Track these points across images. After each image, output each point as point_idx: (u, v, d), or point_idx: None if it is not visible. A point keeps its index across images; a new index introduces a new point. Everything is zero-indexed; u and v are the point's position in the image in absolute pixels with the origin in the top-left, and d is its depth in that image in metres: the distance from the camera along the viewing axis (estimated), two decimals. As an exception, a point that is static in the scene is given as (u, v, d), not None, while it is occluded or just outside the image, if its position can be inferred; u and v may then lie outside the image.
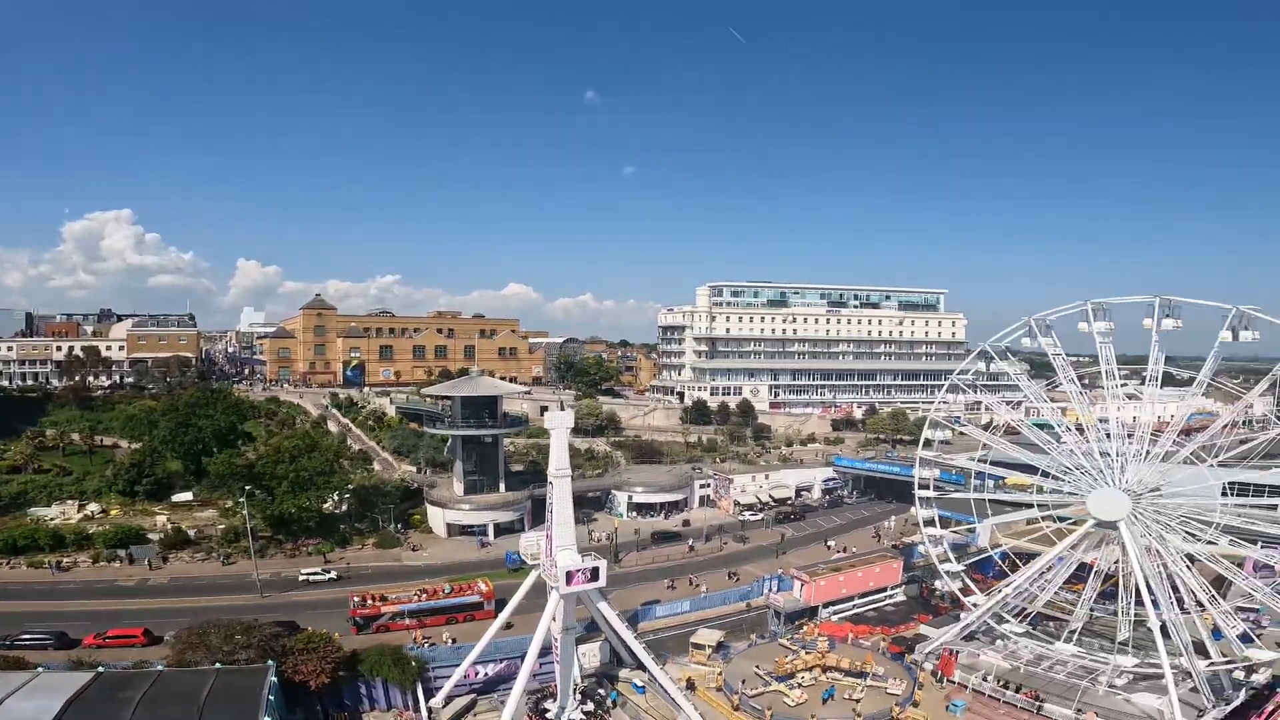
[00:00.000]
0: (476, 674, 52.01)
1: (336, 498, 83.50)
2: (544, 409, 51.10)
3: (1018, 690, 48.72)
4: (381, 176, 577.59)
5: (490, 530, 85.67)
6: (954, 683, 51.70)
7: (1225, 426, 47.32)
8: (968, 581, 55.54)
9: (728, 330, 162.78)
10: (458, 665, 50.78)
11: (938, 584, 63.26)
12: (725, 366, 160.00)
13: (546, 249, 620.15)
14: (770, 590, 66.22)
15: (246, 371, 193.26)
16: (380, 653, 49.76)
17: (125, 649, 50.67)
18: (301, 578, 68.75)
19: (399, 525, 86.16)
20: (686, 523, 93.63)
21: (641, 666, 50.36)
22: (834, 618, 64.25)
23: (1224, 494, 48.75)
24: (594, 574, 46.95)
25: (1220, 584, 49.93)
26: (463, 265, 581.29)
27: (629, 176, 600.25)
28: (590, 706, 49.49)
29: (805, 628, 61.23)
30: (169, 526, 77.89)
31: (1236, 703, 45.58)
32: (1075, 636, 50.97)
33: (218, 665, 42.76)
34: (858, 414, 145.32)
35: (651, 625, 61.62)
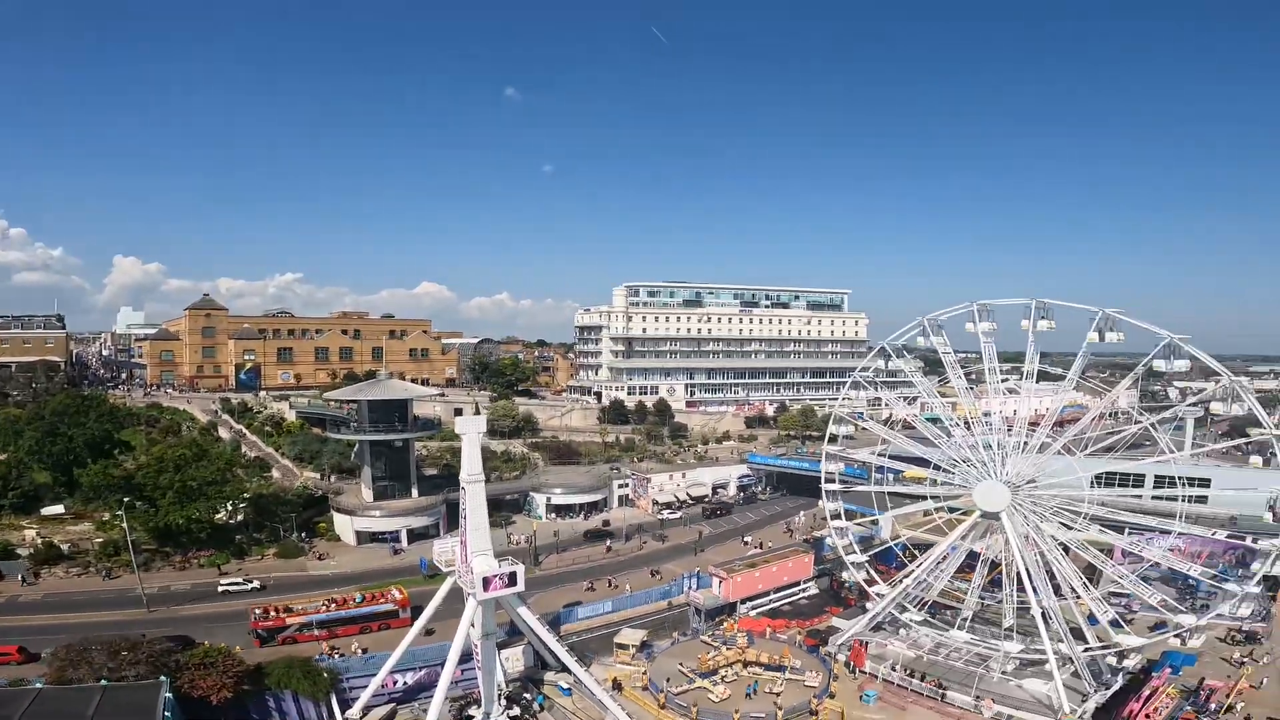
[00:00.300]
0: (395, 683, 50.68)
1: (230, 507, 78.82)
2: (458, 411, 49.75)
3: (923, 678, 50.87)
4: (281, 170, 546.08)
5: (403, 536, 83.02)
6: (865, 673, 53.65)
7: (1094, 419, 50.45)
8: (872, 572, 57.72)
9: (644, 330, 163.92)
10: (374, 675, 49.09)
11: (844, 575, 65.59)
12: (642, 366, 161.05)
13: (462, 247, 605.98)
14: (690, 588, 67.13)
15: (124, 376, 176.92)
16: (288, 665, 47.87)
17: (-2, 667, 46.30)
18: (221, 588, 65.99)
19: (302, 534, 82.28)
20: (606, 523, 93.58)
21: (566, 669, 49.82)
22: (752, 613, 65.87)
23: (1093, 484, 52.29)
24: (512, 579, 46.23)
25: (1093, 572, 53.51)
26: (371, 263, 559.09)
27: (548, 174, 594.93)
28: (516, 711, 48.87)
29: (725, 624, 62.52)
30: (39, 541, 71.61)
31: (1115, 687, 48.53)
32: (967, 624, 53.43)
33: (103, 683, 40.12)
34: (770, 411, 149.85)
35: (574, 627, 61.26)
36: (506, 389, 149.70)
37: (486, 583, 44.84)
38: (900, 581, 55.62)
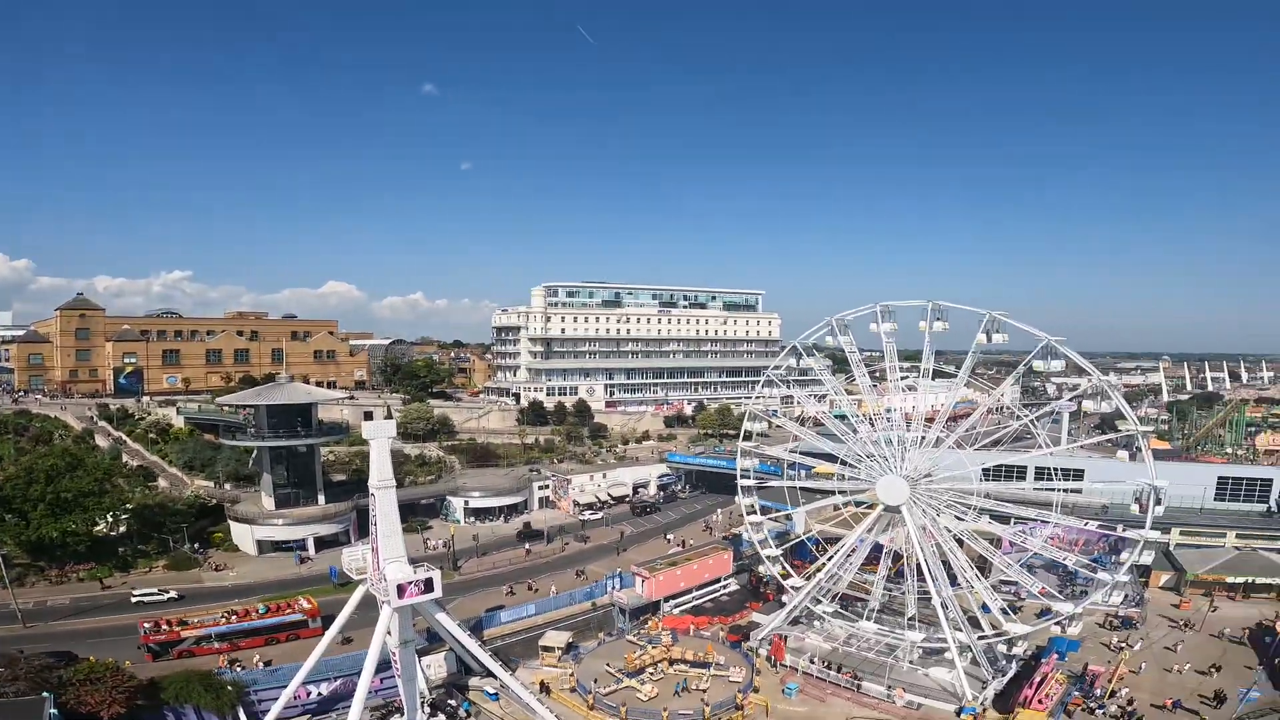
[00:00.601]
0: (309, 694, 48.69)
1: (111, 519, 73.73)
2: (368, 415, 47.82)
3: (839, 670, 52.42)
4: (166, 164, 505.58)
5: (310, 545, 79.29)
6: (786, 666, 54.87)
7: (982, 415, 53.35)
8: (786, 566, 59.16)
9: (563, 331, 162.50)
10: (285, 686, 46.85)
11: (762, 570, 66.83)
12: (561, 367, 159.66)
13: (373, 246, 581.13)
14: (614, 588, 66.94)
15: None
16: (186, 678, 45.67)
17: None
18: (135, 599, 63.59)
19: (195, 545, 77.62)
20: (527, 525, 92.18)
21: (492, 674, 48.73)
22: (675, 611, 66.34)
23: (982, 478, 53.97)
24: (428, 585, 44.94)
25: (985, 562, 55.85)
26: (271, 261, 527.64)
27: (466, 173, 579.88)
28: (441, 718, 47.07)
29: (650, 623, 62.75)
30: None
31: (1010, 674, 50.96)
32: (875, 615, 55.33)
33: (-23, 701, 36.57)
34: (688, 410, 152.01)
35: (498, 631, 59.99)
36: (420, 391, 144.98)
37: (401, 590, 43.44)
38: (814, 575, 56.94)
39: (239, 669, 50.28)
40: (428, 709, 47.54)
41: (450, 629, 48.01)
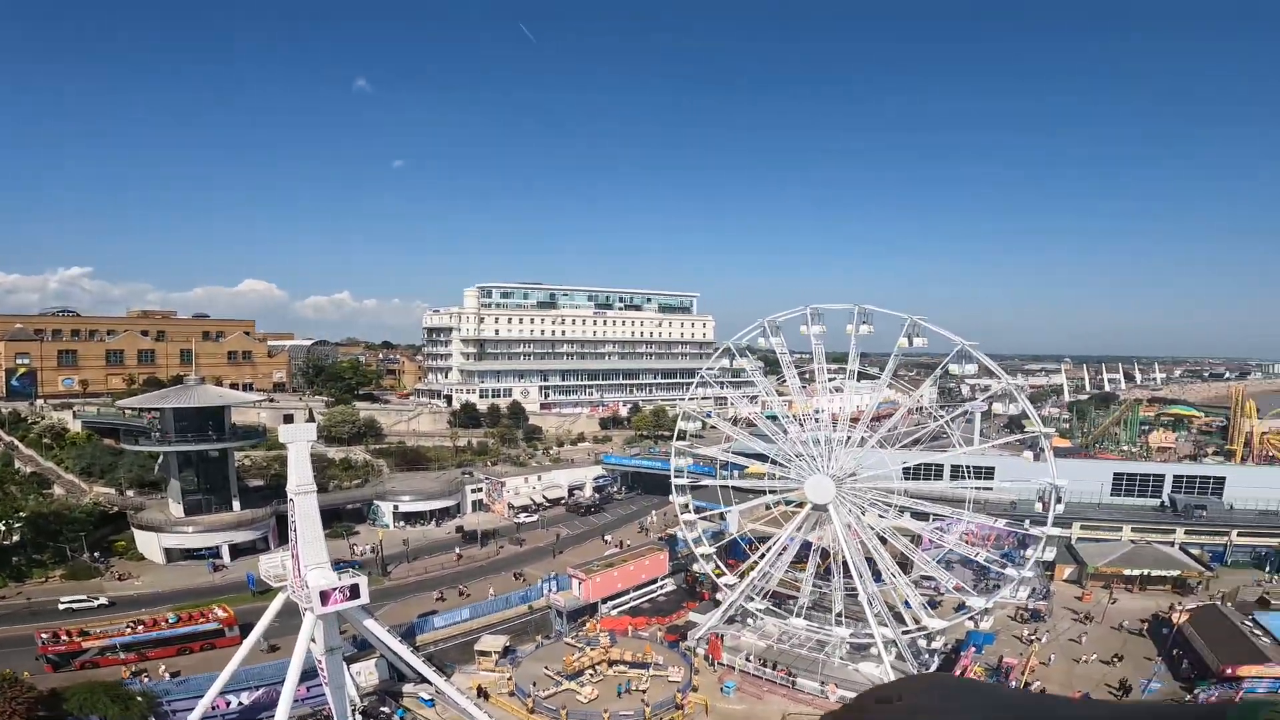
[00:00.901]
0: (228, 704, 46.93)
1: (4, 527, 69.59)
2: (288, 418, 45.95)
3: (774, 667, 53.14)
4: (69, 153, 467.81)
5: (225, 552, 75.71)
6: (723, 665, 55.29)
7: (903, 415, 54.99)
8: (720, 564, 59.73)
9: (497, 332, 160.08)
10: (201, 696, 44.92)
11: (695, 568, 66.99)
12: (495, 368, 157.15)
13: (297, 242, 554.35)
14: (550, 590, 66.10)
15: None
16: (90, 689, 43.55)
17: None
18: (63, 606, 61.80)
19: (95, 554, 73.43)
20: (460, 528, 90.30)
21: (426, 680, 47.57)
22: (613, 612, 66.08)
23: (905, 475, 55.58)
24: (354, 591, 43.52)
25: (908, 559, 56.85)
26: (182, 257, 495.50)
27: (399, 170, 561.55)
28: None
29: (588, 624, 62.31)
30: None
31: (933, 667, 52.54)
32: (805, 611, 56.28)
33: None
34: (624, 412, 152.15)
35: (432, 636, 58.53)
36: (346, 394, 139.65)
37: (325, 597, 42.04)
38: (747, 574, 57.55)
39: (145, 679, 48.45)
40: (359, 717, 45.95)
41: (380, 635, 46.54)
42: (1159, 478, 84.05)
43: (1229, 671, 47.11)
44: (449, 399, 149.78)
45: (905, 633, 51.54)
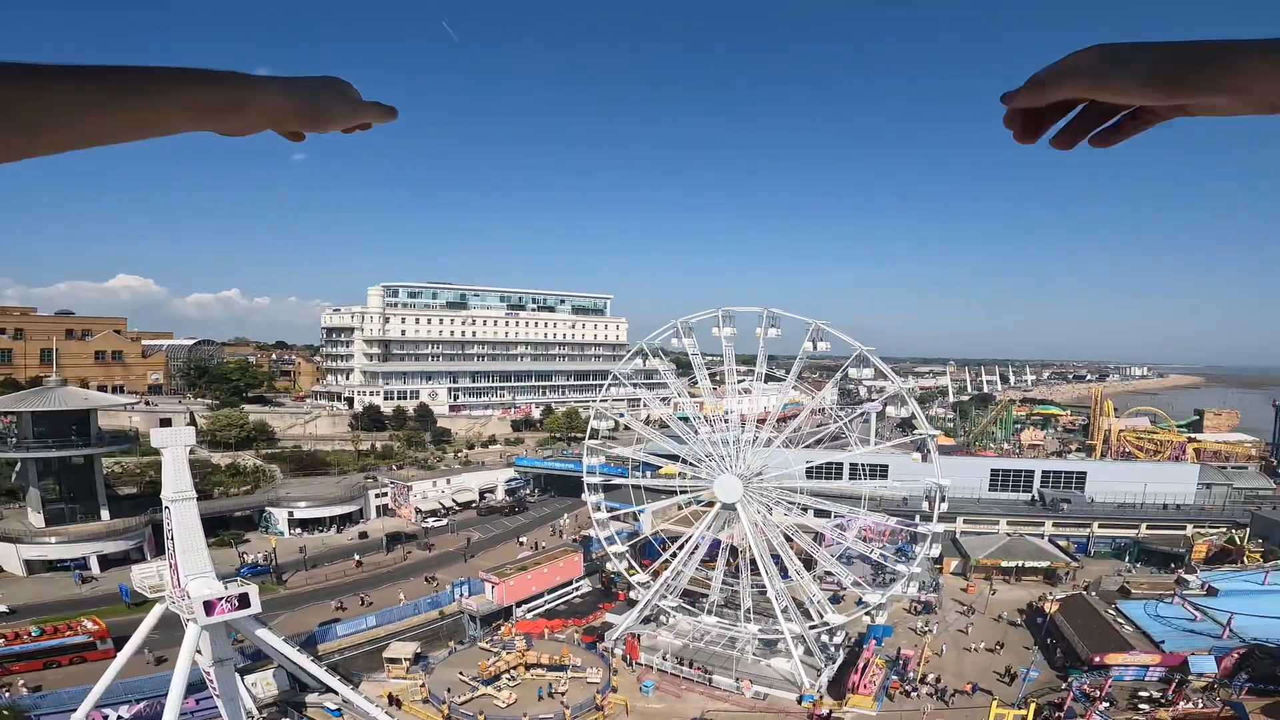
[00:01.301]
0: (105, 718, 44.16)
1: None
2: (165, 421, 43.21)
3: (691, 665, 53.58)
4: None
5: (94, 563, 69.97)
6: (641, 664, 55.28)
7: (807, 416, 56.96)
8: (633, 562, 59.95)
9: (403, 332, 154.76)
10: (73, 710, 42.20)
11: (609, 566, 67.08)
12: (401, 370, 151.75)
13: (176, 236, 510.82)
14: (462, 595, 64.22)
15: None
16: None
17: None
18: None
19: None
20: (364, 535, 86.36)
21: (331, 689, 45.45)
22: (528, 615, 64.95)
23: (808, 475, 58.22)
24: (243, 600, 41.43)
25: (812, 556, 58.73)
26: (45, 250, 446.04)
27: (299, 163, 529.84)
28: None
29: (503, 628, 60.99)
30: None
31: (839, 661, 54.34)
32: (716, 609, 57.15)
33: None
34: (536, 414, 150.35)
35: (335, 645, 55.43)
36: (233, 396, 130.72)
37: (210, 606, 40.01)
38: (661, 573, 57.97)
39: (7, 694, 45.61)
40: None
41: (276, 645, 44.17)
42: (1029, 473, 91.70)
43: (1098, 660, 50.65)
44: (350, 401, 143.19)
45: (812, 628, 53.08)
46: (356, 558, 78.03)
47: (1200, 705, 45.44)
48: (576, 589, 72.78)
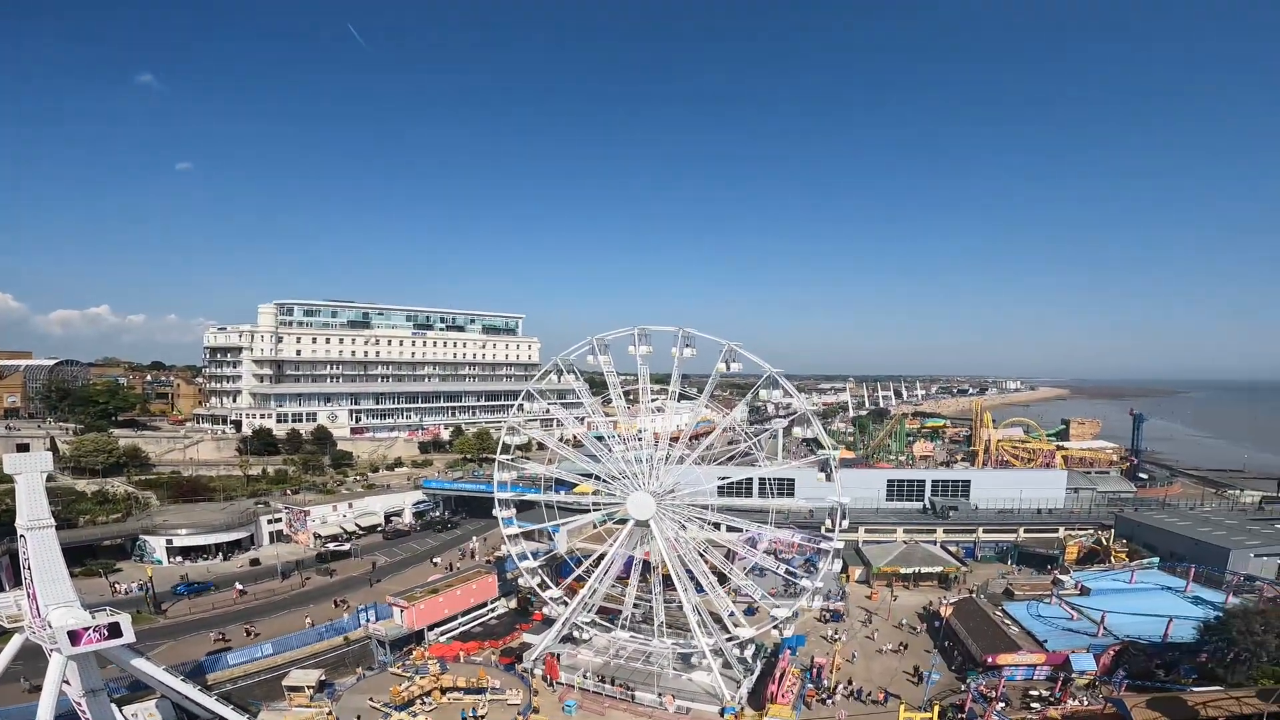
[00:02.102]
0: None
1: None
2: (22, 446, 40.00)
3: (613, 683, 52.98)
4: None
5: None
6: (562, 684, 54.23)
7: (719, 434, 56.92)
8: (546, 578, 58.82)
9: (299, 352, 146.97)
10: None
11: (521, 582, 65.54)
12: (296, 391, 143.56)
13: (37, 249, 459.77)
14: (369, 621, 60.80)
15: None
16: None
17: None
18: None
19: None
20: (255, 562, 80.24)
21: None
22: (442, 639, 62.32)
23: (718, 492, 57.81)
24: (114, 630, 38.67)
25: (724, 572, 58.66)
26: None
27: (183, 173, 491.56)
28: None
29: (415, 653, 58.11)
30: None
31: (757, 672, 54.83)
32: (629, 624, 56.85)
33: None
34: (445, 435, 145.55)
35: (226, 675, 51.31)
36: (101, 419, 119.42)
37: (75, 636, 37.42)
38: (578, 591, 57.16)
39: None
40: None
41: (155, 675, 40.96)
42: (921, 483, 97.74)
43: (990, 660, 53.64)
44: (238, 425, 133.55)
45: (728, 639, 53.49)
46: (239, 586, 72.58)
47: (1086, 703, 48.51)
48: (492, 610, 70.37)
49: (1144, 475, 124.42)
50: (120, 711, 41.42)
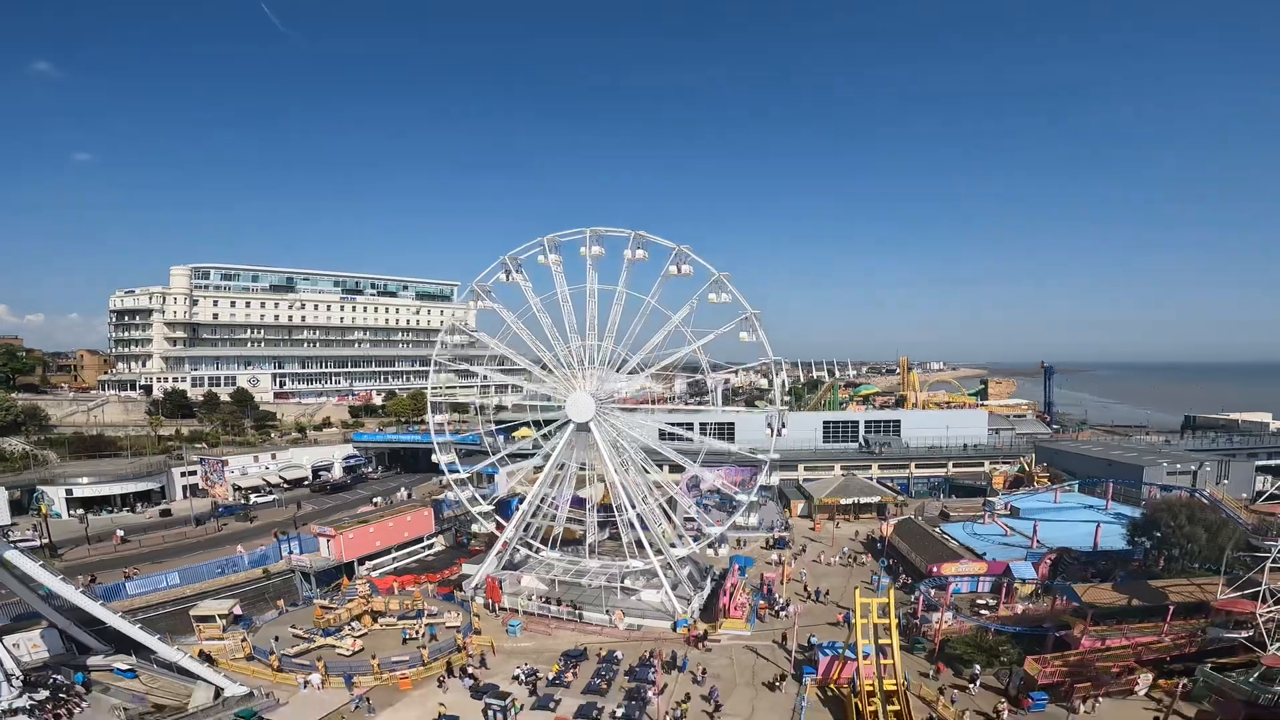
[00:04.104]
0: None
1: None
2: None
3: (559, 604, 51.78)
4: None
5: None
6: (505, 609, 52.59)
7: (660, 340, 52.64)
8: (498, 519, 56.84)
9: (215, 316, 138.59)
10: None
11: (475, 528, 62.86)
12: (213, 355, 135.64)
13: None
14: (292, 552, 57.09)
15: None
16: None
17: None
18: None
19: None
20: (166, 513, 74.56)
21: (125, 650, 38.08)
22: (375, 573, 59.19)
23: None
24: None
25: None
26: None
27: (84, 164, 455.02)
28: (44, 694, 34.55)
29: (344, 582, 54.83)
30: None
31: (708, 590, 55.09)
32: (595, 552, 55.63)
33: None
34: (378, 400, 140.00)
35: (126, 604, 46.60)
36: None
37: None
38: (523, 517, 55.21)
39: None
40: (15, 685, 34.71)
41: (32, 570, 35.97)
42: (855, 424, 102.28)
43: (935, 570, 55.18)
44: (148, 389, 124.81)
45: (682, 562, 53.18)
46: (120, 533, 66.38)
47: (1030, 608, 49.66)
48: (429, 547, 67.42)
49: (1056, 425, 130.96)
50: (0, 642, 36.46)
